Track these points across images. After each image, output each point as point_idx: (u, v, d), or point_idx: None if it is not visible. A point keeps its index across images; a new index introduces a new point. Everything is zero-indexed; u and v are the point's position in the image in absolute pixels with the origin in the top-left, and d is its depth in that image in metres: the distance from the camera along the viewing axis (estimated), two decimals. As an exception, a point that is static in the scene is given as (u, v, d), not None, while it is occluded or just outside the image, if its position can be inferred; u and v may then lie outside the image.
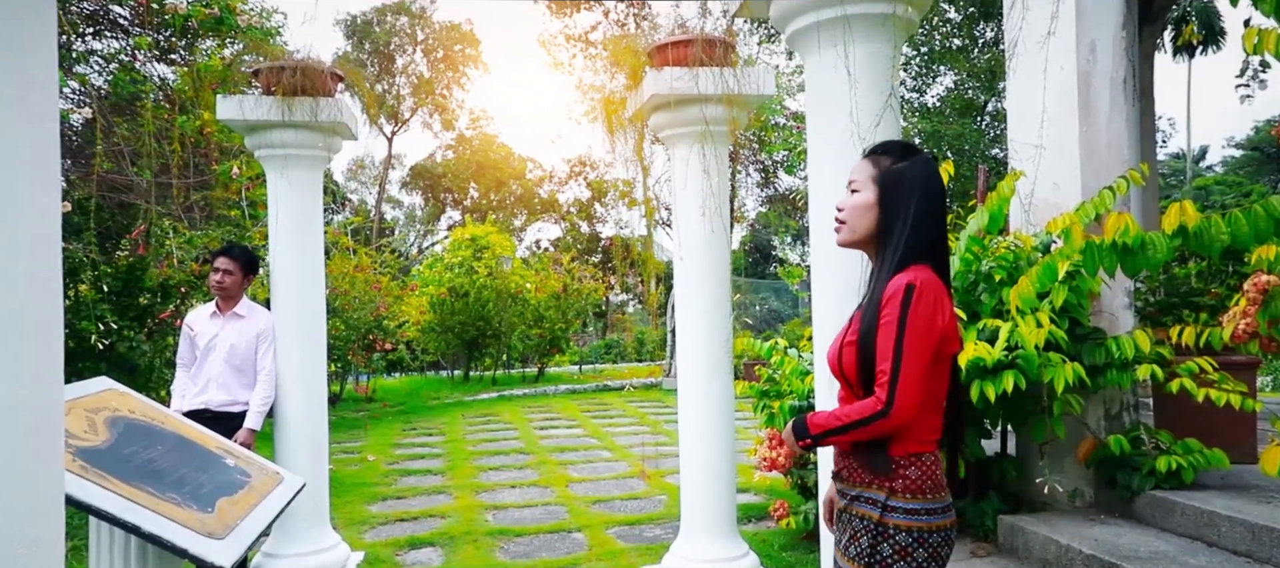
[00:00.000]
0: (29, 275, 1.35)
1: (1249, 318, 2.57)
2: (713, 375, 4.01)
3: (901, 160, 1.92)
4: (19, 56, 1.35)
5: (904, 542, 1.79)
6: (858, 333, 1.87)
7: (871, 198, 1.91)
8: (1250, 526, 3.44)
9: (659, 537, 5.03)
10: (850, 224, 1.95)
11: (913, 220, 1.86)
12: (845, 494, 1.93)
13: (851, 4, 2.21)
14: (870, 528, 1.82)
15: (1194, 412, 4.09)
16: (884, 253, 1.91)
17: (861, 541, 1.84)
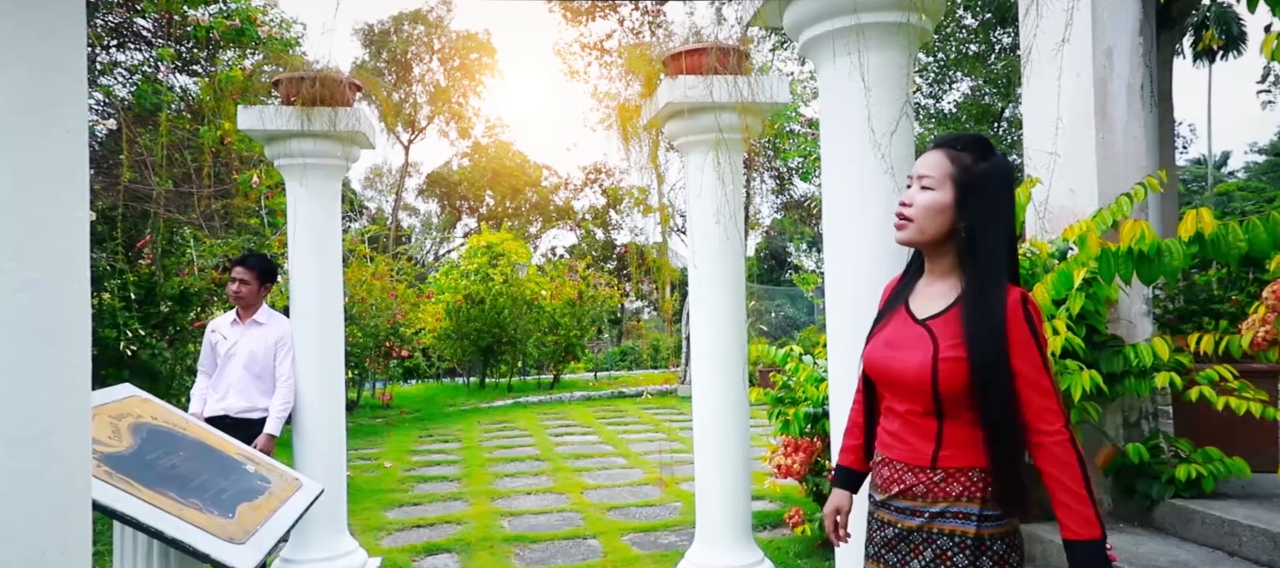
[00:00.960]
0: (60, 285, 1.39)
1: (1268, 325, 2.56)
2: (727, 382, 4.01)
3: (983, 159, 1.78)
4: (52, 73, 1.39)
5: (1000, 551, 1.72)
6: (974, 350, 1.70)
7: (948, 199, 1.75)
8: (1272, 535, 3.40)
9: (674, 544, 5.03)
10: (918, 224, 1.79)
11: (1009, 230, 1.76)
12: (917, 513, 1.80)
13: (865, 12, 2.22)
14: (967, 544, 1.72)
15: (1214, 420, 4.04)
16: (974, 257, 1.76)
17: (957, 559, 1.73)
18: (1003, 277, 1.73)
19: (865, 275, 2.31)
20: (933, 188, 1.77)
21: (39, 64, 1.36)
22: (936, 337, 1.75)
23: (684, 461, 7.83)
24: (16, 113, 1.33)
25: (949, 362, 1.72)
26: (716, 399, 4.02)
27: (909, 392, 1.80)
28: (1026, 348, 1.68)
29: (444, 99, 29.26)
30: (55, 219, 1.39)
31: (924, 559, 1.78)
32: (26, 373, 1.34)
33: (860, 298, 2.33)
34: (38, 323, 1.36)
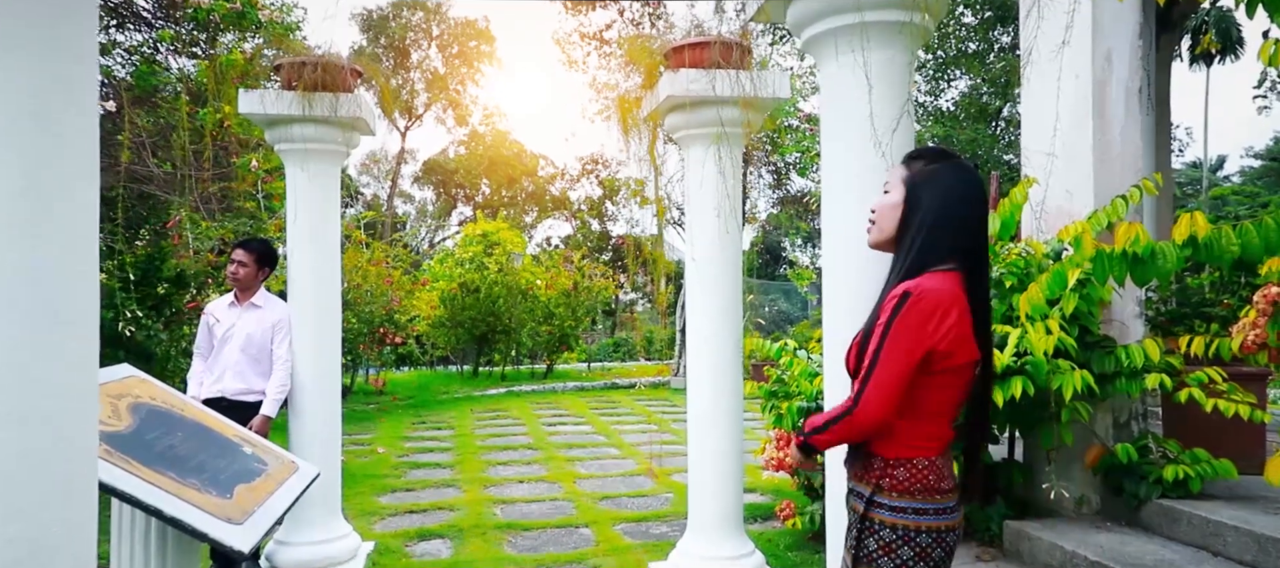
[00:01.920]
0: (71, 264, 1.40)
1: (1259, 329, 2.59)
2: (723, 375, 4.04)
3: (932, 163, 1.93)
4: (65, 56, 1.39)
5: (888, 538, 1.81)
6: (861, 332, 1.92)
7: (898, 198, 1.93)
8: (1257, 536, 3.45)
9: (665, 534, 5.07)
10: (879, 224, 1.98)
11: (930, 225, 1.87)
12: (847, 486, 1.98)
13: (869, 11, 2.24)
14: (856, 520, 1.88)
15: (1202, 422, 4.09)
16: (899, 255, 1.93)
17: (852, 532, 1.89)
18: (905, 267, 1.88)
19: (861, 273, 2.33)
20: (890, 191, 1.96)
21: (49, 45, 1.37)
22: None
23: (676, 452, 7.87)
24: (31, 95, 1.34)
25: (853, 344, 1.94)
26: (712, 392, 4.05)
27: (850, 376, 1.98)
28: (876, 332, 1.81)
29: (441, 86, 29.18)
30: (67, 200, 1.40)
31: (845, 531, 1.94)
32: (38, 350, 1.36)
33: (857, 294, 2.36)
34: (50, 302, 1.37)
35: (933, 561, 1.81)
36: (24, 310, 1.34)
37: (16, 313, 1.33)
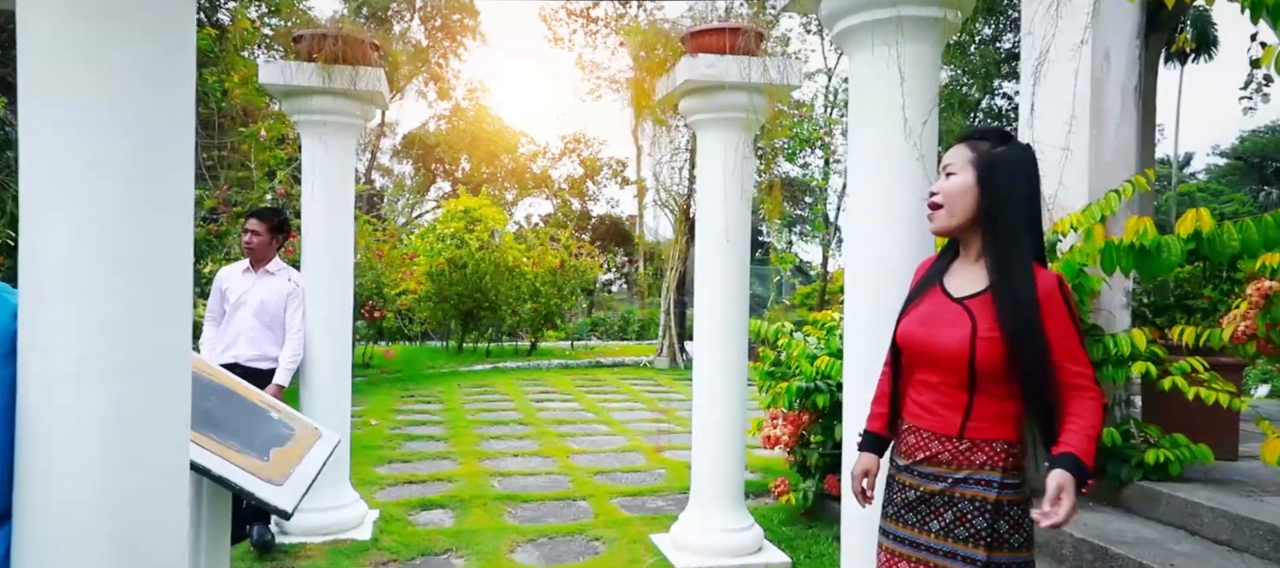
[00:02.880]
0: (175, 225, 1.48)
1: (1249, 320, 2.75)
2: (728, 354, 4.16)
3: (1000, 144, 1.94)
4: (172, 23, 1.46)
5: (1017, 515, 1.88)
6: (1003, 328, 1.84)
7: (971, 180, 1.91)
8: (1231, 517, 3.66)
9: (661, 508, 5.20)
10: (948, 208, 1.94)
11: (1029, 207, 1.91)
12: (939, 479, 1.95)
13: (905, 6, 2.34)
14: (987, 509, 1.87)
15: (1181, 408, 4.29)
16: (997, 239, 1.90)
17: (977, 521, 1.88)
18: (1026, 251, 1.88)
19: (887, 264, 2.45)
20: (956, 174, 1.94)
21: (162, 14, 1.44)
22: (975, 316, 1.89)
23: (666, 431, 8.01)
24: (144, 63, 1.41)
25: (986, 340, 1.86)
26: (717, 369, 4.16)
27: (945, 365, 1.93)
28: (1063, 325, 1.84)
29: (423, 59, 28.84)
30: (171, 167, 1.47)
31: (944, 520, 1.93)
32: (143, 308, 1.43)
33: (882, 281, 2.48)
34: (158, 259, 1.45)
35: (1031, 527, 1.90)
36: (139, 265, 1.41)
37: (135, 269, 1.40)
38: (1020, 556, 1.90)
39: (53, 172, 1.39)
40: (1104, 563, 3.62)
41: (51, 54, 1.38)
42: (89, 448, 1.39)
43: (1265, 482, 4.17)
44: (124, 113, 1.41)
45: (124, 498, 1.43)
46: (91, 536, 1.40)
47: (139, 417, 1.44)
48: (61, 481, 1.38)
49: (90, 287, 1.39)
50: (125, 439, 1.42)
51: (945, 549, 1.93)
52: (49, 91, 1.38)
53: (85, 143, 1.38)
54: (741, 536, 4.12)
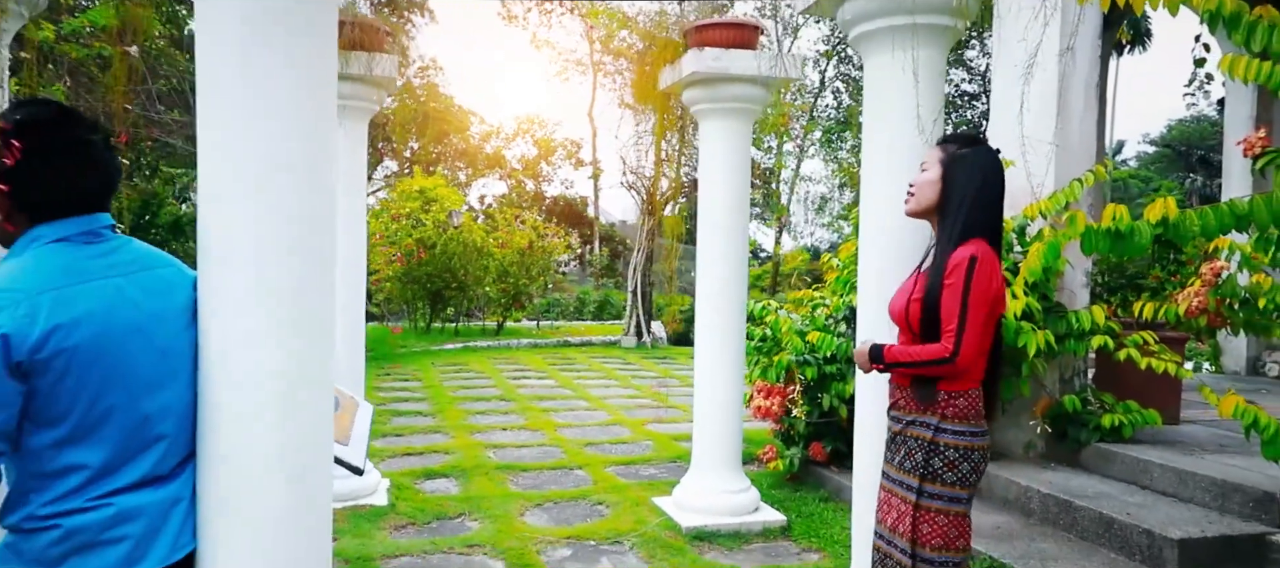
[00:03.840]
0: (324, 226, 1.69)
1: (1202, 296, 3.14)
2: (728, 329, 4.45)
3: (965, 148, 2.35)
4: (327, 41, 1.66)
5: (952, 457, 2.27)
6: (924, 292, 2.30)
7: (936, 175, 2.34)
8: (1177, 472, 4.11)
9: (655, 476, 5.49)
10: (917, 197, 2.39)
11: (971, 200, 2.30)
12: (899, 420, 2.40)
13: (920, 14, 2.63)
14: (924, 446, 2.30)
15: (1132, 377, 4.74)
16: (945, 224, 2.34)
17: (916, 456, 2.31)
18: (959, 233, 2.28)
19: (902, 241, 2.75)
20: (928, 169, 2.37)
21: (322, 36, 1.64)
22: (916, 285, 2.34)
23: (646, 406, 8.30)
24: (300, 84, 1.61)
25: (914, 302, 2.32)
26: (718, 344, 4.45)
27: (899, 324, 2.42)
28: (954, 291, 2.21)
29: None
30: (325, 161, 1.68)
31: (898, 455, 2.38)
32: (305, 279, 1.64)
33: (890, 255, 2.79)
34: (315, 240, 1.66)
35: (979, 472, 2.29)
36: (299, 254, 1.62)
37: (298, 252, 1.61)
38: (952, 490, 2.29)
39: (235, 167, 1.60)
40: (1068, 514, 4.03)
41: (234, 69, 1.58)
42: (269, 398, 1.60)
43: (1205, 442, 4.65)
44: (293, 117, 1.62)
45: (293, 441, 1.65)
46: (270, 472, 1.62)
47: (304, 371, 1.66)
48: (248, 425, 1.60)
49: (269, 262, 1.60)
50: (295, 390, 1.64)
51: (896, 478, 2.38)
52: (232, 101, 1.59)
53: (265, 143, 1.59)
54: (740, 497, 4.43)
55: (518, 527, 4.36)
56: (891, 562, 2.37)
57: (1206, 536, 3.49)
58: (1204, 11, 2.89)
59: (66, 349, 1.43)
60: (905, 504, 2.33)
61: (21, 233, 1.53)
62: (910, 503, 2.31)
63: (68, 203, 1.53)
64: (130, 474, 1.53)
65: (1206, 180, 27.22)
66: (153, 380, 1.55)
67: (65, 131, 1.54)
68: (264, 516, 1.63)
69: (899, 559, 2.34)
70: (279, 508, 1.64)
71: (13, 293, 1.42)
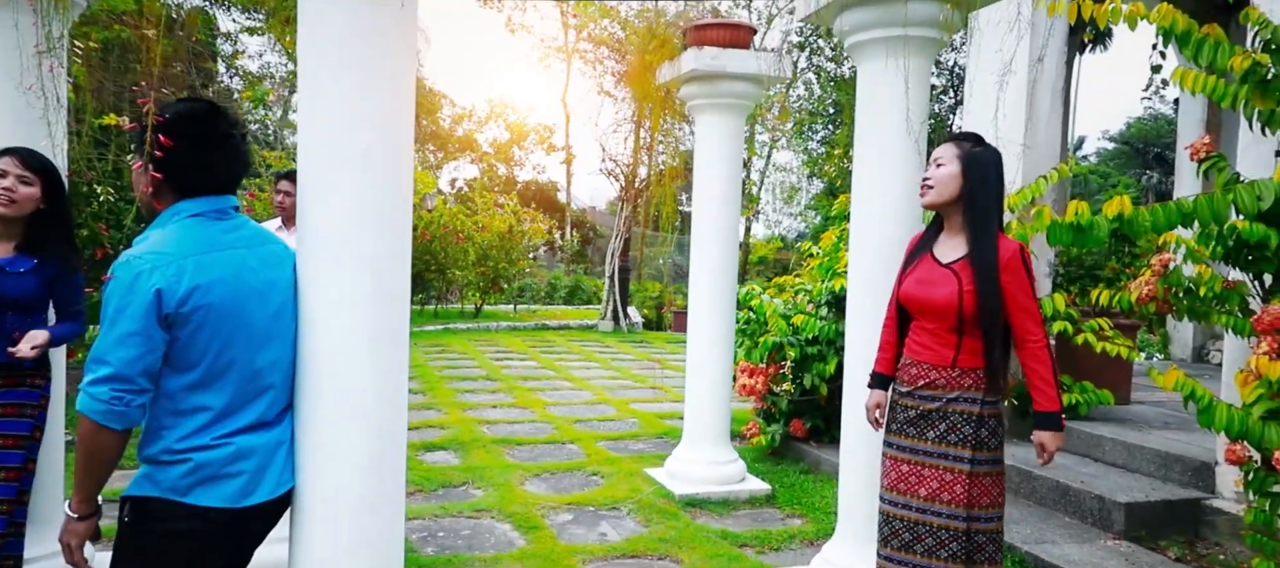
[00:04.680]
0: (403, 208, 1.94)
1: (1151, 285, 3.50)
2: (719, 311, 4.75)
3: (978, 146, 2.60)
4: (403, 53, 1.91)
5: (994, 425, 2.55)
6: (978, 284, 2.48)
7: (956, 170, 2.54)
8: (1126, 445, 4.51)
9: (644, 450, 5.79)
10: (938, 190, 2.57)
11: (997, 195, 2.56)
12: (937, 398, 2.57)
13: (912, 27, 2.93)
14: (972, 420, 2.53)
15: (1088, 360, 5.14)
16: (974, 218, 2.53)
17: (964, 430, 2.53)
18: (994, 227, 2.54)
19: (889, 233, 3.06)
20: (945, 165, 2.58)
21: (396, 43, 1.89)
22: (960, 277, 2.53)
23: (627, 386, 8.59)
24: (386, 82, 1.86)
25: (969, 294, 2.51)
26: (709, 326, 4.75)
27: (939, 315, 2.57)
28: (1021, 283, 2.49)
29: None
30: (405, 150, 1.93)
31: (939, 430, 2.58)
32: (389, 255, 1.90)
33: (882, 247, 3.10)
34: (398, 220, 1.91)
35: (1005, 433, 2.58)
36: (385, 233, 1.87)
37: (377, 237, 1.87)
38: (995, 454, 2.58)
39: (333, 157, 1.85)
40: (1028, 483, 4.41)
41: (331, 70, 1.83)
42: (361, 359, 1.86)
43: (1152, 420, 5.08)
44: (380, 112, 1.87)
45: (380, 397, 1.90)
46: (360, 423, 1.87)
47: (386, 334, 1.91)
48: (344, 382, 1.85)
49: (361, 240, 1.86)
50: (380, 351, 1.90)
51: (939, 452, 2.58)
52: (329, 100, 1.84)
53: (357, 135, 1.84)
54: (728, 468, 4.75)
55: (520, 494, 4.63)
56: (946, 533, 2.56)
57: (1150, 500, 3.89)
58: (1160, 28, 3.25)
59: (203, 306, 1.68)
60: (952, 474, 2.53)
61: (165, 208, 1.78)
62: (963, 473, 2.52)
63: (207, 185, 1.78)
64: (245, 418, 1.77)
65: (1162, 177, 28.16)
66: (265, 338, 1.80)
67: (211, 126, 1.78)
68: (354, 459, 1.88)
69: (953, 527, 2.54)
70: (365, 452, 1.90)
71: (165, 256, 1.66)
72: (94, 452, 1.64)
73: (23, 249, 2.68)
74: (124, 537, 1.75)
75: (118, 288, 1.63)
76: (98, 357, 1.61)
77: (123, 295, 1.62)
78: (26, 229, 2.69)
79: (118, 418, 1.62)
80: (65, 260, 2.73)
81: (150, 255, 1.67)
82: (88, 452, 1.65)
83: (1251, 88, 3.04)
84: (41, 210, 2.69)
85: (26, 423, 2.63)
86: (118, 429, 1.63)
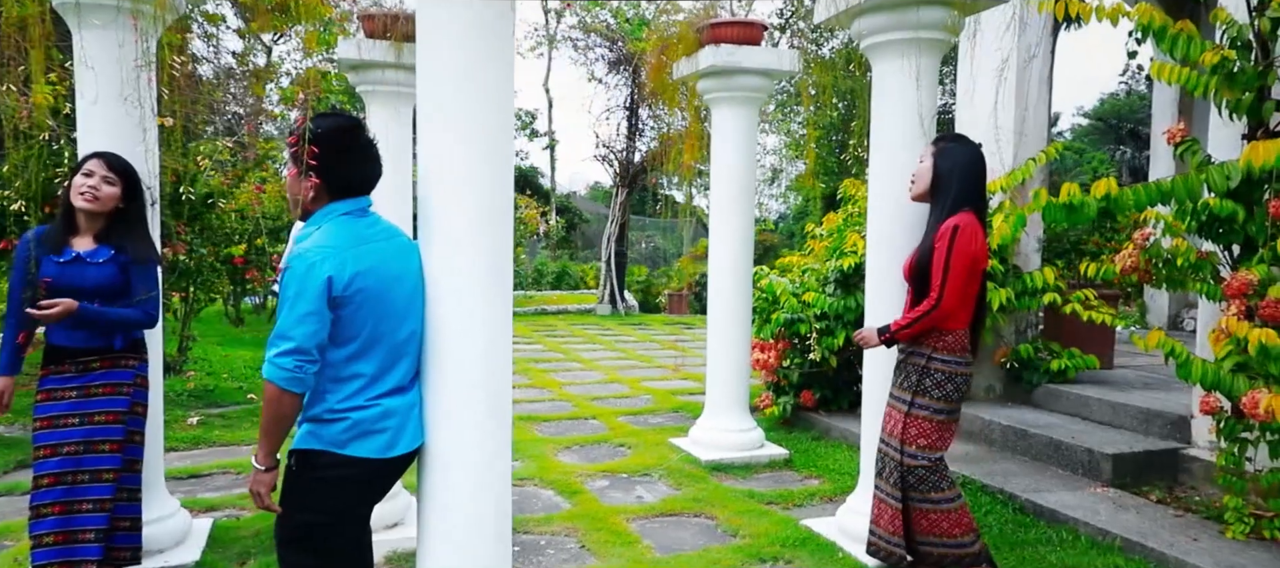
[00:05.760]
0: (505, 206, 2.26)
1: (1133, 257, 3.89)
2: (737, 290, 5.10)
3: (949, 142, 3.08)
4: (506, 73, 2.23)
5: (939, 377, 2.99)
6: (917, 256, 3.05)
7: (929, 166, 3.07)
8: (1111, 404, 4.93)
9: (662, 423, 6.15)
10: (917, 184, 3.12)
11: (956, 182, 2.99)
12: (903, 351, 3.13)
13: (922, 30, 3.29)
14: (918, 370, 3.03)
15: (1074, 328, 5.56)
16: (936, 203, 3.05)
17: (912, 377, 3.04)
18: (945, 210, 2.98)
19: (902, 217, 3.42)
20: (924, 161, 3.10)
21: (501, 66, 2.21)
22: (915, 250, 3.07)
23: (634, 366, 8.95)
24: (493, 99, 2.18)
25: (907, 266, 3.07)
26: (727, 305, 5.11)
27: (907, 281, 3.12)
28: (939, 254, 2.93)
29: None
30: (509, 157, 2.25)
31: (898, 378, 3.12)
32: (496, 246, 2.23)
33: (897, 227, 3.46)
34: (501, 217, 2.24)
35: (961, 393, 3.02)
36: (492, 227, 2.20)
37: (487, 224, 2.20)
38: (935, 403, 3.02)
39: (454, 164, 2.16)
40: (1023, 441, 4.82)
41: (452, 92, 2.14)
42: (477, 335, 2.19)
43: (1134, 382, 5.51)
44: (488, 126, 2.19)
45: (491, 367, 2.24)
46: (476, 389, 2.20)
47: (498, 317, 2.24)
48: (463, 355, 2.18)
49: (478, 234, 2.18)
50: (492, 329, 2.23)
51: (895, 395, 3.13)
52: (450, 117, 2.15)
53: (472, 146, 2.16)
54: (748, 435, 5.12)
55: (556, 464, 4.98)
56: (888, 459, 3.10)
57: (1133, 451, 4.30)
58: (1138, 25, 3.63)
59: (361, 289, 2.01)
60: (895, 412, 3.09)
61: (317, 210, 2.10)
62: (901, 413, 3.06)
63: (352, 188, 2.10)
64: (388, 382, 2.11)
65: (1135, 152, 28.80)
66: (402, 316, 2.13)
67: (353, 137, 2.10)
68: (472, 420, 2.21)
69: (891, 455, 3.08)
70: (481, 413, 2.23)
71: (330, 249, 1.99)
72: (278, 413, 1.97)
73: (102, 242, 2.93)
74: (291, 482, 2.09)
75: (294, 277, 1.96)
76: (281, 333, 1.94)
77: (300, 282, 1.95)
78: (107, 224, 2.95)
79: (298, 383, 1.95)
80: (137, 252, 2.95)
81: (318, 249, 1.99)
82: (273, 414, 1.97)
83: (1220, 79, 3.43)
84: (120, 208, 2.95)
85: (124, 400, 2.92)
86: (297, 393, 1.96)
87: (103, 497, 2.85)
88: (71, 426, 2.84)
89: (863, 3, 3.35)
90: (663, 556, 3.56)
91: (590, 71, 14.92)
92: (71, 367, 2.85)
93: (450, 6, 2.13)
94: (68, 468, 2.82)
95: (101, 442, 2.87)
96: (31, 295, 2.74)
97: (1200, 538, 3.50)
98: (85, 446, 2.84)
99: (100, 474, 2.86)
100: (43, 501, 2.80)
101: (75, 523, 2.82)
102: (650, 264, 21.76)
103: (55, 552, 2.79)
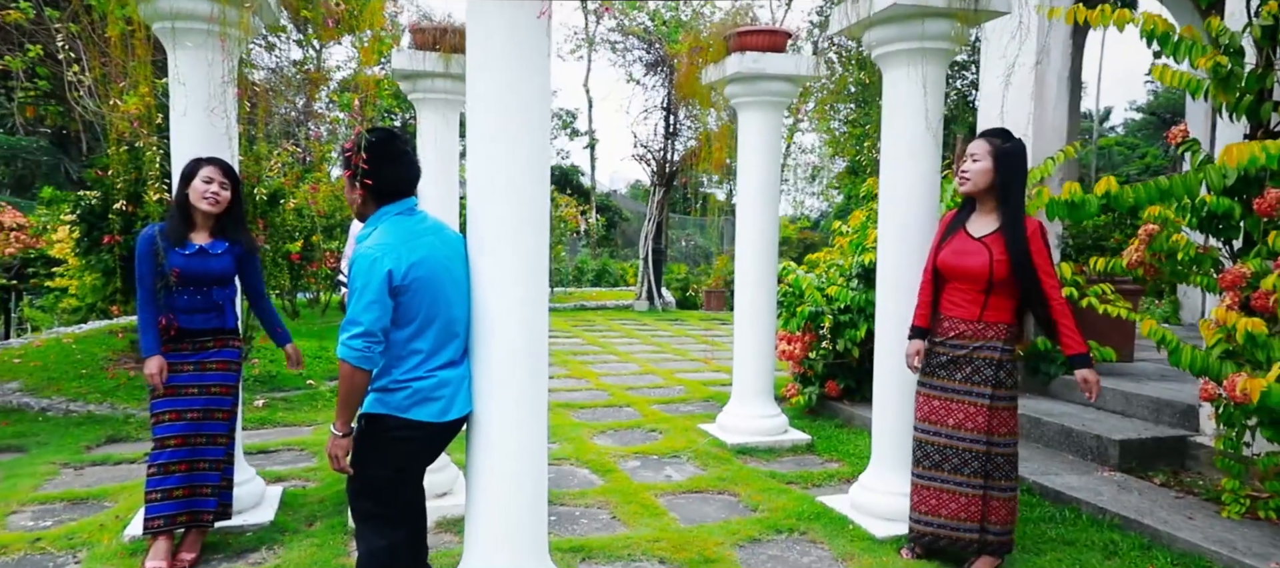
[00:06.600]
0: (542, 210, 2.59)
1: (1139, 252, 4.09)
2: (763, 284, 5.39)
3: (1007, 141, 3.22)
4: (544, 87, 2.56)
5: (1011, 369, 3.20)
6: (1009, 254, 3.13)
7: (990, 165, 3.19)
8: (1124, 394, 5.10)
9: (692, 411, 6.46)
10: (974, 180, 3.22)
11: (1021, 183, 3.18)
12: (963, 347, 3.23)
13: (927, 41, 3.54)
14: (993, 364, 3.18)
15: (1093, 321, 5.71)
16: (1006, 202, 3.16)
17: (986, 372, 3.19)
18: (1021, 209, 3.17)
19: (914, 213, 3.68)
20: (980, 159, 3.23)
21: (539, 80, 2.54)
22: (991, 249, 3.18)
23: (668, 360, 9.26)
24: (533, 111, 2.51)
25: (999, 263, 3.16)
26: (753, 297, 5.39)
27: (972, 279, 3.23)
28: (1041, 253, 3.14)
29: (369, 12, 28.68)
30: (546, 165, 2.58)
31: (965, 372, 3.25)
32: (534, 245, 2.56)
33: (907, 224, 3.72)
34: (539, 219, 2.57)
35: None
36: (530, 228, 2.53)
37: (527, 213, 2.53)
38: (1011, 393, 3.24)
39: (497, 173, 2.50)
40: (1038, 428, 5.03)
41: (497, 106, 2.48)
42: (516, 319, 2.53)
43: (1150, 374, 5.66)
44: (528, 142, 2.52)
45: (530, 345, 2.57)
46: (517, 364, 2.54)
47: (535, 301, 2.58)
48: (506, 334, 2.52)
49: (518, 233, 2.51)
50: (529, 312, 2.56)
51: (965, 390, 3.26)
52: (494, 131, 2.49)
53: (514, 156, 2.49)
54: (773, 421, 5.41)
55: (591, 447, 5.33)
56: (965, 453, 3.23)
57: (1141, 438, 4.49)
58: (1143, 32, 3.84)
59: (417, 278, 2.36)
60: (975, 408, 3.19)
61: (372, 212, 2.46)
62: (984, 406, 3.18)
63: (399, 190, 2.46)
64: (442, 357, 2.46)
65: (1186, 148, 28.11)
66: (453, 300, 2.48)
67: (397, 146, 2.46)
68: (514, 390, 2.55)
69: (973, 448, 3.20)
70: (521, 385, 2.57)
71: (389, 245, 2.35)
72: (351, 386, 2.33)
73: (216, 236, 3.37)
74: (360, 441, 2.45)
75: (360, 271, 2.32)
76: (352, 319, 2.30)
77: (365, 276, 2.31)
78: (218, 221, 3.38)
79: (367, 361, 2.31)
80: (249, 243, 3.44)
81: (379, 246, 2.35)
82: (347, 387, 2.34)
83: (1215, 83, 3.62)
84: (230, 206, 3.39)
85: (233, 376, 3.37)
86: (367, 370, 2.32)
87: (217, 458, 3.32)
88: (192, 395, 3.29)
89: (872, 15, 3.61)
90: (687, 526, 3.87)
91: (628, 73, 15.27)
92: (189, 345, 3.30)
93: (492, 34, 2.47)
94: (190, 431, 3.27)
95: (217, 410, 3.33)
96: (164, 284, 3.19)
97: (1196, 517, 3.70)
98: (204, 413, 3.30)
99: (216, 438, 3.32)
100: (171, 459, 3.24)
101: (196, 479, 3.27)
102: (690, 262, 22.06)
103: (182, 504, 3.26)
